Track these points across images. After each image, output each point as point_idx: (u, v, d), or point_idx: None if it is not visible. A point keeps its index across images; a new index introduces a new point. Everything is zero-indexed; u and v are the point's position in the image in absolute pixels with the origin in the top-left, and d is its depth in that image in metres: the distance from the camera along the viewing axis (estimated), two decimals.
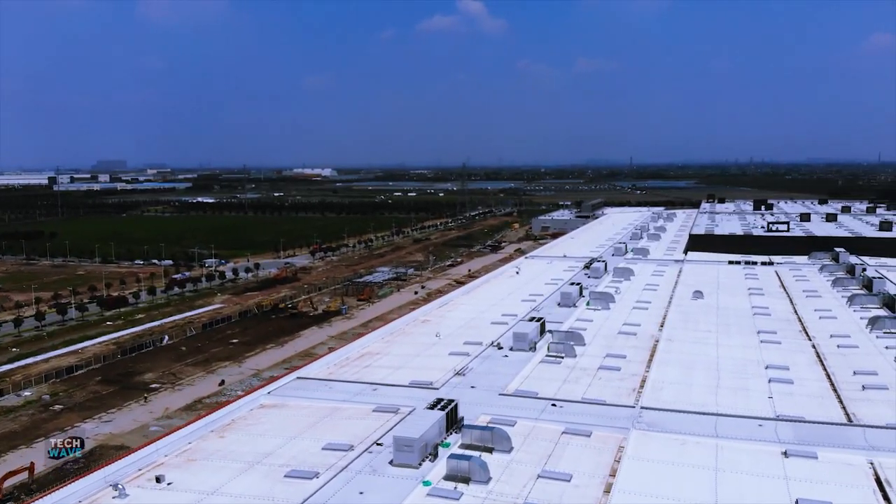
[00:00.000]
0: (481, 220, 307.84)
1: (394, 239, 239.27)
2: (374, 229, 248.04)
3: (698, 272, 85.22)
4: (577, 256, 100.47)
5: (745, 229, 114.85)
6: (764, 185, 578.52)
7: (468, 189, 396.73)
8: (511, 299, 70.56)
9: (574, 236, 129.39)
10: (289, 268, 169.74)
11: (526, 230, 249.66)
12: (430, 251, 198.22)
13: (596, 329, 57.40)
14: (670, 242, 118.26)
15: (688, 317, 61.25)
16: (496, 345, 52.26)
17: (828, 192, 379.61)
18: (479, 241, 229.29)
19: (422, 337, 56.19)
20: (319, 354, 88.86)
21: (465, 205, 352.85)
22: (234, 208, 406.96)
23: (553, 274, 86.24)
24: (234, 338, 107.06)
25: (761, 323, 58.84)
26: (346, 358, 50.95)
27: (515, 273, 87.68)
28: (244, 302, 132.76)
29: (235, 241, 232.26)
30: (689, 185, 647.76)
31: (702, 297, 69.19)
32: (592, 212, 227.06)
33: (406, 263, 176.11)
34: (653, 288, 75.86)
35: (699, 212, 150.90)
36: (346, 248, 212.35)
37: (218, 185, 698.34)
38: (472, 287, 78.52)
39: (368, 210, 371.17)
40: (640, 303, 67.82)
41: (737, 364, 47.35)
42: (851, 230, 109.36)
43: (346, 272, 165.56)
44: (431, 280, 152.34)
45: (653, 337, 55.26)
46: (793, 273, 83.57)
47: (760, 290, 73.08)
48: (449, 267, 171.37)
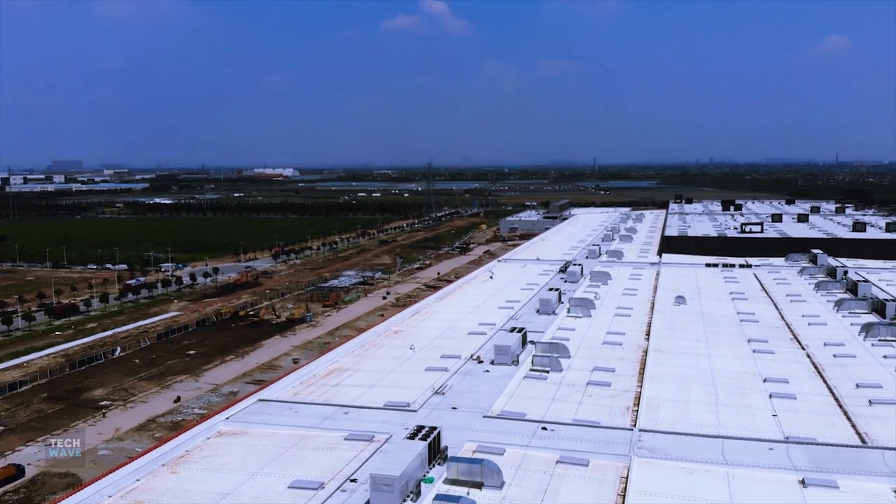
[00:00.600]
0: (448, 221, 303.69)
1: (359, 241, 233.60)
2: (338, 231, 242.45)
3: (676, 275, 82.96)
4: (550, 259, 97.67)
5: (717, 231, 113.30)
6: (725, 185, 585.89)
7: (434, 189, 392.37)
8: (487, 307, 67.15)
9: (545, 238, 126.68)
10: (250, 272, 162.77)
11: (494, 231, 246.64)
12: (397, 253, 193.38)
13: (579, 339, 54.29)
14: (643, 244, 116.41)
15: (673, 324, 58.51)
16: (476, 358, 48.69)
17: (789, 191, 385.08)
18: (447, 242, 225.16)
19: (395, 350, 52.36)
20: (283, 367, 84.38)
21: (431, 205, 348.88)
22: (192, 209, 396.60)
23: (528, 278, 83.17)
24: (192, 349, 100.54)
25: (750, 330, 56.38)
26: (312, 375, 46.89)
27: (489, 278, 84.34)
28: (202, 309, 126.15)
29: (194, 244, 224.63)
30: (651, 186, 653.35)
31: (684, 302, 66.68)
32: (560, 213, 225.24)
33: (373, 267, 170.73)
34: (632, 293, 73.23)
35: (669, 213, 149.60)
36: (309, 250, 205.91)
37: (176, 185, 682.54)
38: (446, 293, 74.85)
39: (332, 211, 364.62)
40: (621, 309, 65.05)
41: (733, 377, 44.57)
42: (825, 231, 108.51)
43: (310, 276, 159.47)
44: (400, 284, 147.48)
45: (640, 347, 52.36)
46: (772, 276, 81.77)
47: (742, 295, 70.91)
48: (417, 270, 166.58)
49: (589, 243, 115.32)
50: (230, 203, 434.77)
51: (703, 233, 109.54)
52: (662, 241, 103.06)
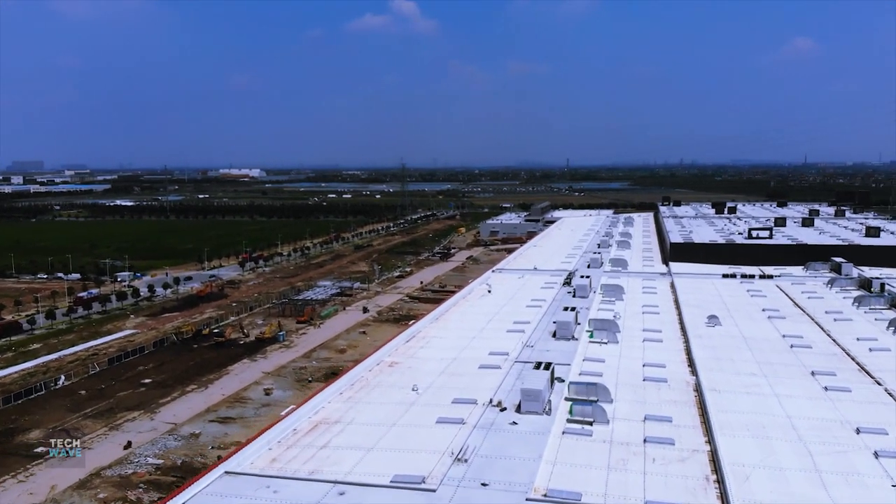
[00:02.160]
0: (425, 224, 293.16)
1: (333, 245, 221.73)
2: (310, 235, 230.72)
3: (694, 288, 74.71)
4: (550, 270, 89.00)
5: (724, 237, 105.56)
6: (696, 186, 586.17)
7: (407, 191, 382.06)
8: (493, 329, 57.98)
9: (537, 244, 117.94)
10: (214, 282, 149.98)
11: (474, 235, 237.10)
12: (374, 260, 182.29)
13: (614, 373, 45.45)
14: (643, 251, 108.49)
15: (717, 353, 49.89)
16: (497, 404, 39.42)
17: (766, 193, 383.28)
18: (426, 247, 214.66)
19: (394, 391, 42.87)
20: (253, 400, 72.37)
21: (405, 207, 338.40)
22: (154, 212, 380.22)
23: (531, 292, 74.29)
24: (148, 376, 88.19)
25: (808, 359, 48.10)
26: (293, 430, 37.26)
27: (487, 292, 75.22)
28: (161, 326, 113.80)
29: (154, 250, 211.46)
30: (623, 187, 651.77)
31: (719, 323, 58.26)
32: (542, 215, 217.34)
33: (349, 275, 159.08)
34: (653, 310, 64.68)
35: (662, 216, 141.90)
36: (280, 256, 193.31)
37: (138, 186, 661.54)
38: (442, 312, 65.48)
39: (302, 213, 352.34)
40: (648, 332, 56.38)
41: (819, 427, 36.00)
42: (838, 236, 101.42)
43: (281, 286, 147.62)
44: (380, 295, 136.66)
45: (688, 384, 43.62)
46: (799, 288, 73.93)
47: (778, 312, 62.80)
48: (398, 279, 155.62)
49: (585, 250, 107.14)
50: (194, 205, 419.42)
51: (710, 239, 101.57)
52: (669, 248, 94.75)
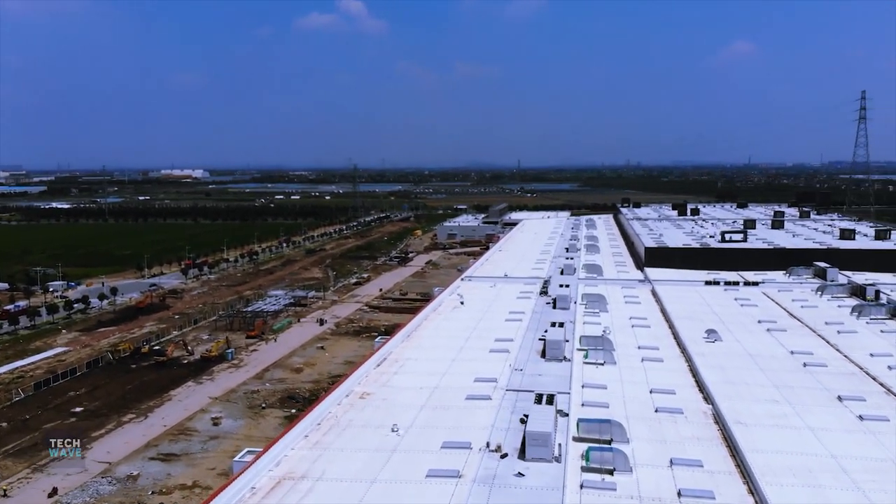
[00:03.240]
0: (379, 227, 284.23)
1: (283, 250, 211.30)
2: (258, 238, 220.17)
3: (679, 297, 70.00)
4: (522, 277, 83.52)
5: (696, 240, 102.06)
6: (644, 187, 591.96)
7: (358, 192, 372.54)
8: (474, 349, 51.83)
9: (503, 249, 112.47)
10: (155, 291, 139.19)
11: (431, 238, 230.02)
12: (328, 265, 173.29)
13: (619, 402, 39.90)
14: (613, 255, 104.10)
15: (727, 374, 44.83)
16: (496, 448, 33.35)
17: (714, 194, 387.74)
18: (383, 251, 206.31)
19: (369, 432, 36.34)
20: (199, 432, 62.55)
21: (358, 209, 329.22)
22: (92, 215, 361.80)
23: (506, 303, 68.49)
24: (79, 402, 77.96)
25: (826, 380, 43.50)
26: (251, 490, 30.44)
27: (460, 303, 69.04)
28: (96, 343, 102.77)
29: (90, 256, 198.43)
30: (573, 188, 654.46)
31: (718, 337, 53.44)
32: (500, 217, 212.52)
33: (302, 282, 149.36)
34: (643, 323, 59.57)
35: (627, 219, 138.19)
36: (226, 262, 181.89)
37: (76, 188, 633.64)
38: (413, 329, 58.95)
39: (248, 215, 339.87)
40: (645, 349, 51.14)
41: (871, 469, 31.16)
42: (814, 239, 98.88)
43: (228, 295, 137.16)
44: (337, 304, 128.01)
45: (706, 415, 38.34)
46: (788, 296, 69.98)
47: (775, 323, 58.50)
48: (355, 286, 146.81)
49: (554, 255, 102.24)
50: (134, 207, 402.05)
51: (684, 243, 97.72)
52: (644, 253, 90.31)
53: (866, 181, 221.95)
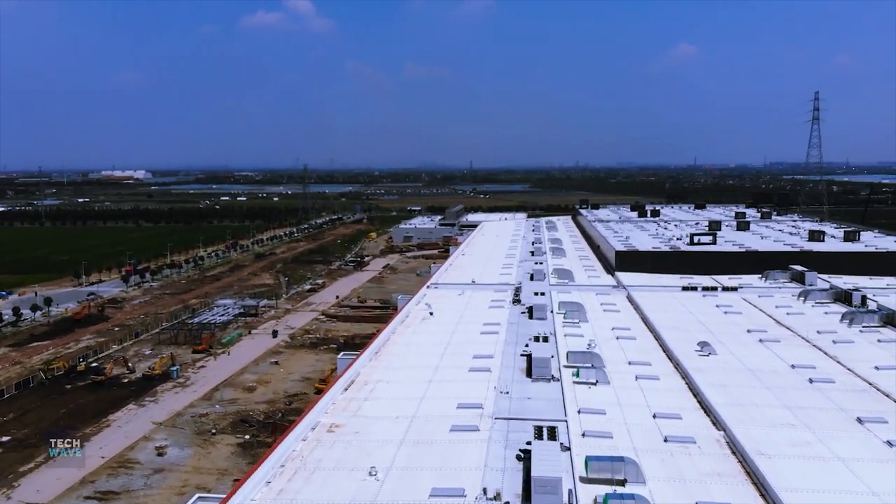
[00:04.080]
0: (331, 229, 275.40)
1: (230, 254, 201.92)
2: (203, 242, 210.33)
3: (659, 305, 66.52)
4: (491, 283, 79.08)
5: (664, 243, 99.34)
6: (594, 188, 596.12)
7: (309, 193, 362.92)
8: (451, 367, 47.02)
9: (466, 253, 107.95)
10: (93, 301, 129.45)
11: (386, 240, 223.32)
12: (279, 271, 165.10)
13: (623, 430, 35.73)
14: (580, 259, 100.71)
15: (731, 394, 41.06)
16: (494, 496, 28.76)
17: (663, 194, 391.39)
18: (337, 254, 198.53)
19: (342, 476, 31.23)
20: (142, 464, 55.01)
21: (309, 211, 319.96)
22: (28, 218, 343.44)
23: (479, 313, 63.91)
24: (6, 431, 69.72)
25: (839, 399, 40.24)
26: None
27: (429, 314, 64.04)
28: (27, 359, 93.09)
29: (24, 263, 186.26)
30: (524, 189, 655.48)
31: (712, 350, 49.83)
32: (457, 219, 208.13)
33: (252, 289, 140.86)
34: (627, 334, 55.65)
35: (589, 221, 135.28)
36: (170, 269, 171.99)
37: (11, 190, 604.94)
38: (381, 345, 53.76)
39: (193, 218, 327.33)
40: (636, 365, 47.16)
41: None
42: (784, 242, 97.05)
43: (172, 305, 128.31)
44: (291, 314, 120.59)
45: (720, 443, 34.49)
46: (771, 302, 67.27)
47: (766, 334, 55.30)
48: (310, 293, 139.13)
49: (520, 259, 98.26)
50: (73, 209, 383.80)
51: (653, 246, 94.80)
52: (614, 257, 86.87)
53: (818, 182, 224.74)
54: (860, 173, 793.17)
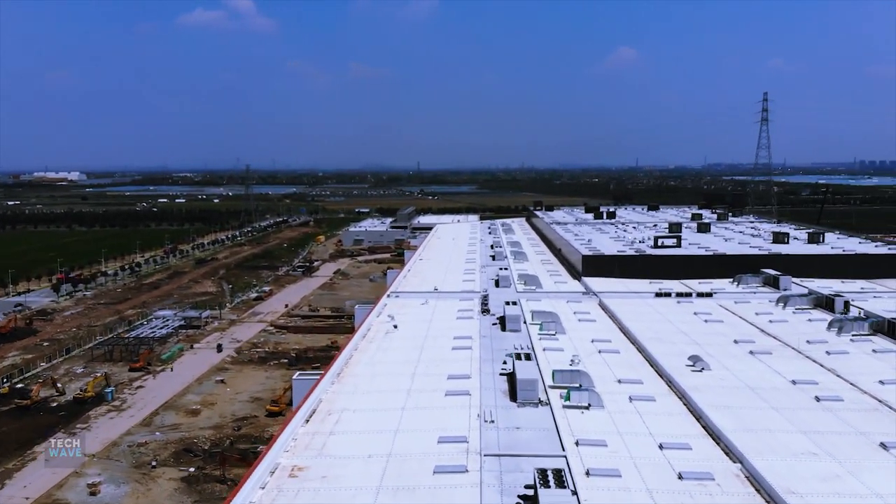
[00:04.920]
0: (276, 233, 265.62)
1: (169, 260, 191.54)
2: (140, 247, 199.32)
3: (634, 314, 63.01)
4: (455, 292, 74.48)
5: (627, 245, 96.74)
6: (539, 189, 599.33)
7: (253, 194, 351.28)
8: (425, 391, 42.11)
9: (423, 258, 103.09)
10: (20, 313, 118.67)
11: (336, 244, 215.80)
12: (222, 277, 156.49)
13: (631, 467, 31.55)
14: (543, 264, 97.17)
15: (737, 416, 37.42)
16: None
17: (610, 196, 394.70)
18: (284, 259, 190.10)
19: None
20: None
21: (252, 213, 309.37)
22: None
23: (447, 325, 59.24)
24: None
25: (853, 420, 37.07)
26: None
27: (392, 327, 58.95)
28: None
29: None
30: (472, 191, 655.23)
31: (706, 365, 46.24)
32: (409, 221, 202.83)
33: (194, 298, 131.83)
34: (610, 348, 51.75)
35: (547, 223, 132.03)
36: (104, 276, 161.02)
37: None
38: (343, 364, 48.51)
39: (130, 221, 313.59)
40: (627, 384, 43.24)
41: None
42: (750, 244, 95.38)
43: (107, 316, 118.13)
44: (237, 325, 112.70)
45: (739, 479, 30.88)
46: (750, 309, 64.52)
47: (754, 344, 52.24)
48: (256, 301, 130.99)
49: (482, 264, 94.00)
50: (2, 213, 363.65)
51: (618, 250, 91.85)
52: (581, 262, 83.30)
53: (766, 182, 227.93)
54: (796, 174, 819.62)
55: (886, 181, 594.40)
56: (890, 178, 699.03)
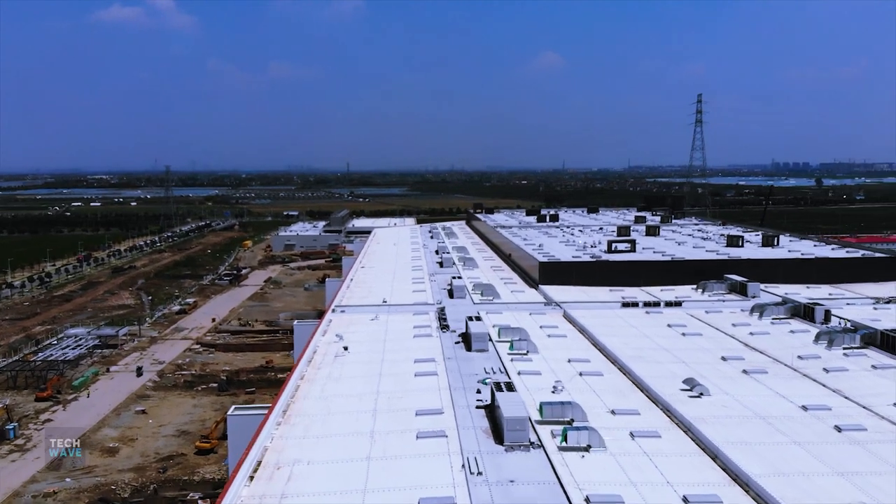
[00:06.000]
0: (199, 238, 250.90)
1: (83, 269, 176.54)
2: (51, 256, 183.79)
3: (605, 327, 58.18)
4: (407, 304, 68.09)
5: (581, 251, 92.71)
6: (470, 191, 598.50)
7: (173, 197, 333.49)
8: (394, 434, 35.64)
9: (365, 265, 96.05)
10: None
11: (264, 250, 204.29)
12: (141, 288, 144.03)
13: None
14: (494, 270, 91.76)
15: (759, 455, 32.53)
16: None
17: (542, 197, 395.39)
18: (208, 267, 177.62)
19: None
20: None
21: (172, 217, 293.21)
22: None
23: (405, 346, 52.80)
24: None
25: (884, 453, 32.81)
26: None
27: (343, 349, 51.97)
28: None
29: None
30: (403, 193, 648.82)
31: (705, 391, 41.23)
32: (343, 225, 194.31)
33: (110, 312, 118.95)
34: (591, 369, 46.48)
35: (492, 227, 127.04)
36: (10, 288, 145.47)
37: None
38: (289, 400, 41.37)
39: (40, 226, 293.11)
40: (624, 415, 38.17)
41: None
42: (706, 248, 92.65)
43: (12, 335, 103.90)
44: (159, 343, 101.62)
45: None
46: (724, 320, 60.74)
47: (744, 362, 47.96)
48: (179, 316, 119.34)
49: (430, 272, 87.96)
50: None
51: (573, 255, 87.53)
52: (538, 270, 78.17)
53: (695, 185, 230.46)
54: (715, 175, 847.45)
55: (803, 182, 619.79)
56: (806, 178, 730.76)
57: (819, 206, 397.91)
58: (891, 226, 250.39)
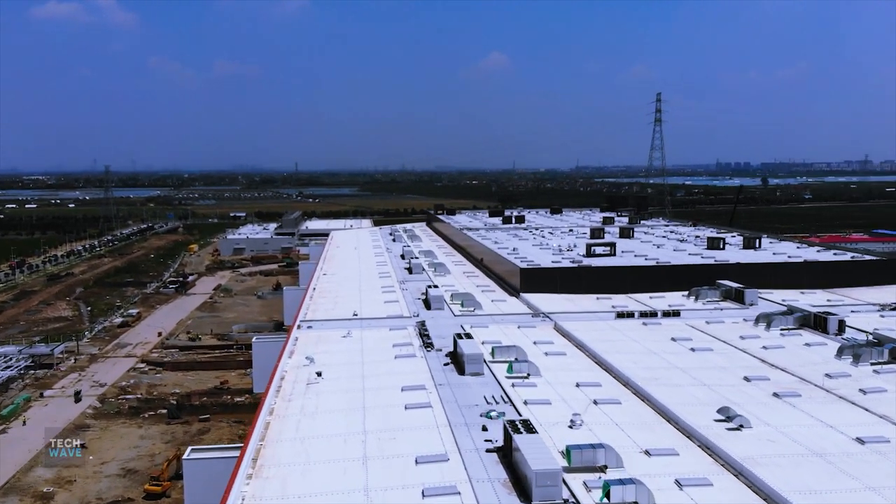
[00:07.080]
0: (141, 242, 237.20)
1: (15, 277, 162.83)
2: None
3: (606, 343, 52.81)
4: (380, 318, 61.56)
5: (559, 255, 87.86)
6: (422, 191, 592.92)
7: (113, 198, 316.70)
8: (392, 490, 29.49)
9: (328, 272, 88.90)
10: None
11: (212, 254, 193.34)
12: (80, 298, 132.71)
13: None
14: (467, 276, 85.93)
15: None
16: None
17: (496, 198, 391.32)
18: (152, 273, 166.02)
19: None
20: None
21: (112, 219, 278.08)
22: None
23: (388, 370, 46.41)
24: None
25: None
26: None
27: (315, 375, 45.08)
28: None
29: None
30: (353, 193, 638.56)
31: (745, 422, 36.07)
32: (296, 227, 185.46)
33: (45, 325, 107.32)
34: (604, 395, 41.05)
35: (460, 230, 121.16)
36: None
37: None
38: (258, 443, 34.48)
39: None
40: (660, 457, 32.64)
41: None
42: (688, 251, 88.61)
43: None
44: (99, 360, 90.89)
45: None
46: (730, 331, 56.09)
47: (769, 381, 43.24)
48: (122, 329, 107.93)
49: (400, 279, 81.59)
50: None
51: (552, 261, 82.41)
52: (520, 277, 72.51)
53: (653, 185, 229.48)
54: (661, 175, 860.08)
55: (747, 181, 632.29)
56: (749, 178, 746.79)
57: (770, 206, 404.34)
58: (844, 225, 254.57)
